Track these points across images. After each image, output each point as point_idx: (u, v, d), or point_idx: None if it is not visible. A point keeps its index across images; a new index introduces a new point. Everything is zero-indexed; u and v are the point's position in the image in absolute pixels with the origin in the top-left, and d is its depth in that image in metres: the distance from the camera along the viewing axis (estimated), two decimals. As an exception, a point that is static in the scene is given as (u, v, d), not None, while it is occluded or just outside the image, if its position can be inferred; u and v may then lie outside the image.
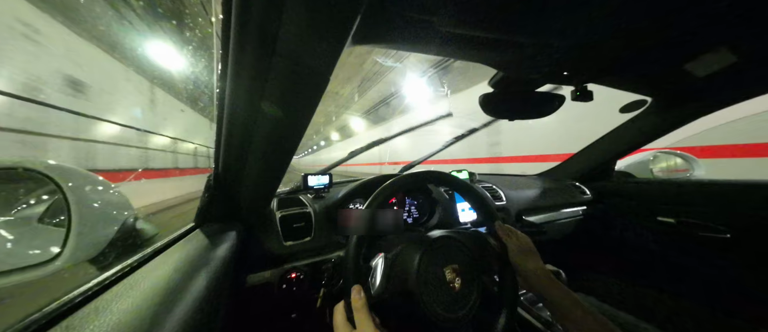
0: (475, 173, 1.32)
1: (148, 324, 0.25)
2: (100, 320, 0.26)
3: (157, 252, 0.47)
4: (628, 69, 0.77)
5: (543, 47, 0.58)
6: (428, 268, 0.51)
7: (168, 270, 0.38)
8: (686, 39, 0.61)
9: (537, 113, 0.83)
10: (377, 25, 0.45)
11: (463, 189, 0.69)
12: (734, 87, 0.86)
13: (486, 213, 0.67)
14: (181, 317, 0.29)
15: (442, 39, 0.52)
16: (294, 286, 0.74)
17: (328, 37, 0.31)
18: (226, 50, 0.33)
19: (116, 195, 0.57)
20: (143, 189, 6.55)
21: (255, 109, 0.41)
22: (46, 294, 0.32)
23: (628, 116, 1.18)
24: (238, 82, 0.37)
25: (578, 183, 1.47)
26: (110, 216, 0.53)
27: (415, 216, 1.04)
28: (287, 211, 0.84)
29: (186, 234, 0.58)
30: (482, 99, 0.78)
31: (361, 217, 0.53)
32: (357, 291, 0.46)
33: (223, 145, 0.52)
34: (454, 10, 0.44)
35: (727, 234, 0.99)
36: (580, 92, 0.80)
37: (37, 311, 0.27)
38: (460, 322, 0.50)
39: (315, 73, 0.35)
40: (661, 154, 1.42)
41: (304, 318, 0.93)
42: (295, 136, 0.48)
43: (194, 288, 0.35)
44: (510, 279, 0.58)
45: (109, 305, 0.29)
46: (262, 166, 0.55)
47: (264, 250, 0.75)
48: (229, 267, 0.51)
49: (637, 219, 1.28)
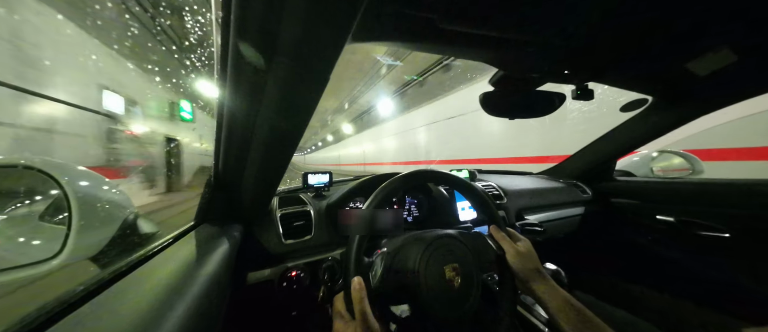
0: (475, 172, 1.32)
1: (150, 322, 0.26)
2: (101, 317, 0.26)
3: (158, 250, 0.47)
4: (629, 67, 0.77)
5: (543, 46, 0.58)
6: (428, 266, 0.51)
7: (169, 268, 0.38)
8: (687, 38, 0.61)
9: (537, 112, 0.83)
10: (378, 23, 0.45)
11: (462, 187, 0.69)
12: (736, 86, 0.85)
13: (485, 213, 0.67)
14: (181, 314, 0.29)
15: (443, 37, 0.51)
16: (294, 284, 0.74)
17: (328, 35, 0.31)
18: (225, 49, 0.33)
19: (116, 193, 0.57)
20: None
21: (255, 108, 0.41)
22: (47, 291, 0.33)
23: (629, 115, 1.18)
24: (238, 81, 0.37)
25: (578, 182, 1.47)
26: (111, 214, 0.53)
27: (415, 215, 1.04)
28: (287, 210, 0.84)
29: (187, 233, 0.58)
30: (483, 97, 0.78)
31: (362, 217, 0.53)
32: (357, 283, 0.46)
33: (224, 143, 0.52)
34: (454, 8, 0.44)
35: (727, 234, 0.99)
36: (580, 91, 0.80)
37: (39, 308, 0.27)
38: (459, 320, 0.50)
39: (315, 70, 0.35)
40: (662, 153, 1.42)
41: (305, 316, 0.93)
42: (296, 134, 0.48)
43: (195, 285, 0.35)
44: (509, 278, 0.58)
45: (110, 302, 0.29)
46: (262, 165, 0.55)
47: (264, 248, 0.76)
48: (230, 265, 0.51)
49: (637, 218, 1.29)
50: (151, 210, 5.21)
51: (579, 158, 1.49)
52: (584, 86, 0.80)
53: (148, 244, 0.50)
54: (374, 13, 0.42)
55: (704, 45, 0.65)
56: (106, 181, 0.55)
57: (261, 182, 0.62)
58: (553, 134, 4.98)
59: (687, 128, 1.09)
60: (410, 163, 11.36)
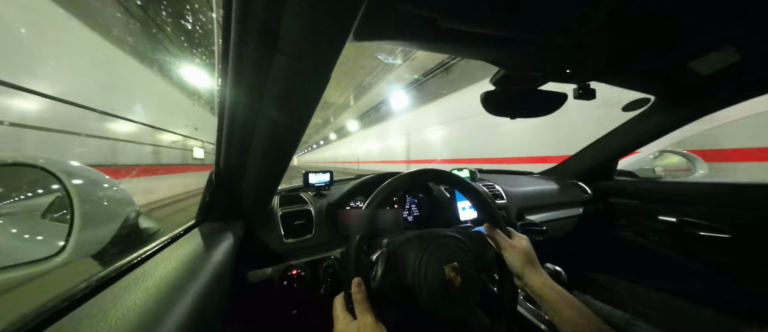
0: (476, 171, 1.32)
1: (151, 320, 0.26)
2: (102, 315, 0.26)
3: (159, 248, 0.47)
4: (631, 67, 0.77)
5: (545, 45, 0.57)
6: (428, 266, 0.51)
7: (170, 267, 0.38)
8: (690, 37, 0.61)
9: (539, 111, 0.83)
10: (379, 21, 0.45)
11: (463, 187, 0.69)
12: (739, 85, 0.85)
13: (486, 212, 0.67)
14: (182, 312, 0.29)
15: (444, 36, 0.51)
16: (295, 283, 0.74)
17: (329, 33, 0.31)
18: (226, 47, 0.33)
19: (118, 192, 0.57)
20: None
21: (256, 106, 0.41)
22: (49, 288, 0.33)
23: (631, 114, 1.17)
24: (239, 79, 0.37)
25: (580, 182, 1.46)
26: (112, 212, 0.53)
27: (415, 215, 1.04)
28: (288, 209, 0.84)
29: (188, 231, 0.58)
30: (484, 96, 0.78)
31: (362, 217, 0.53)
32: (357, 283, 0.46)
33: (224, 142, 0.52)
34: (456, 7, 0.44)
35: (728, 234, 0.98)
36: (582, 90, 0.79)
37: (41, 305, 0.27)
38: (459, 319, 0.50)
39: (316, 69, 0.35)
40: (664, 153, 1.41)
41: (305, 315, 0.93)
42: (297, 132, 0.48)
43: (196, 284, 0.35)
44: (509, 278, 0.58)
45: (112, 300, 0.29)
46: (263, 164, 0.55)
47: (265, 247, 0.76)
48: (231, 263, 0.51)
49: (638, 218, 1.28)
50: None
51: (580, 158, 1.49)
52: (586, 85, 0.79)
53: (150, 242, 0.50)
54: (375, 12, 0.42)
55: (707, 44, 0.65)
56: (107, 179, 0.55)
57: (262, 181, 0.62)
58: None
59: (687, 129, 1.09)
60: (413, 162, 11.41)
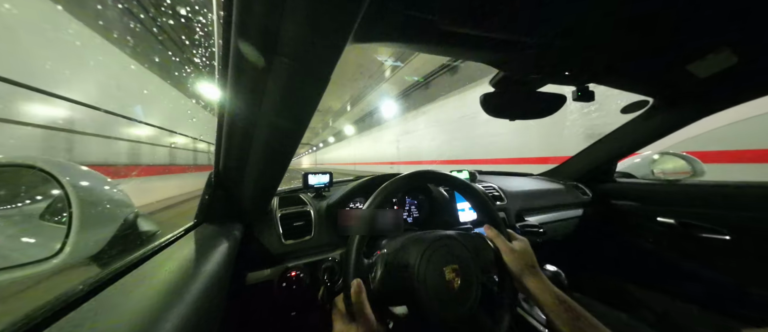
0: (475, 173, 1.32)
1: (149, 321, 0.26)
2: (101, 316, 0.26)
3: (158, 249, 0.47)
4: (629, 69, 0.77)
5: (544, 47, 0.58)
6: (428, 267, 0.51)
7: (169, 268, 0.38)
8: (689, 39, 0.61)
9: (538, 113, 0.83)
10: (379, 23, 0.45)
11: (462, 188, 0.69)
12: (737, 88, 0.85)
13: (485, 214, 0.67)
14: (181, 314, 0.29)
15: (443, 38, 0.52)
16: (294, 284, 0.74)
17: (329, 36, 0.31)
18: (226, 48, 0.33)
19: (117, 193, 0.57)
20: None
21: (256, 108, 0.41)
22: (48, 290, 0.33)
23: (630, 117, 1.17)
24: (239, 81, 0.37)
25: (579, 184, 1.46)
26: (111, 213, 0.53)
27: (415, 216, 1.04)
28: (288, 210, 0.84)
29: (187, 232, 0.58)
30: (483, 98, 0.78)
31: (362, 217, 0.53)
32: (357, 285, 0.46)
33: (224, 143, 0.52)
34: (455, 9, 0.44)
35: (727, 236, 0.99)
36: (581, 92, 0.80)
37: (40, 307, 0.27)
38: (458, 321, 0.50)
39: (316, 71, 0.35)
40: (663, 155, 1.41)
41: (304, 317, 0.93)
42: (296, 134, 0.48)
43: (195, 285, 0.35)
44: (509, 280, 0.58)
45: (110, 301, 0.29)
46: (262, 165, 0.55)
47: (264, 248, 0.76)
48: (230, 264, 0.51)
49: (637, 219, 1.28)
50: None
51: (580, 160, 1.49)
52: (585, 87, 0.80)
53: (148, 243, 0.50)
54: (375, 14, 0.42)
55: (705, 46, 0.65)
56: (106, 180, 0.55)
57: (261, 182, 0.62)
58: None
59: (688, 130, 1.09)
60: (413, 163, 11.43)
